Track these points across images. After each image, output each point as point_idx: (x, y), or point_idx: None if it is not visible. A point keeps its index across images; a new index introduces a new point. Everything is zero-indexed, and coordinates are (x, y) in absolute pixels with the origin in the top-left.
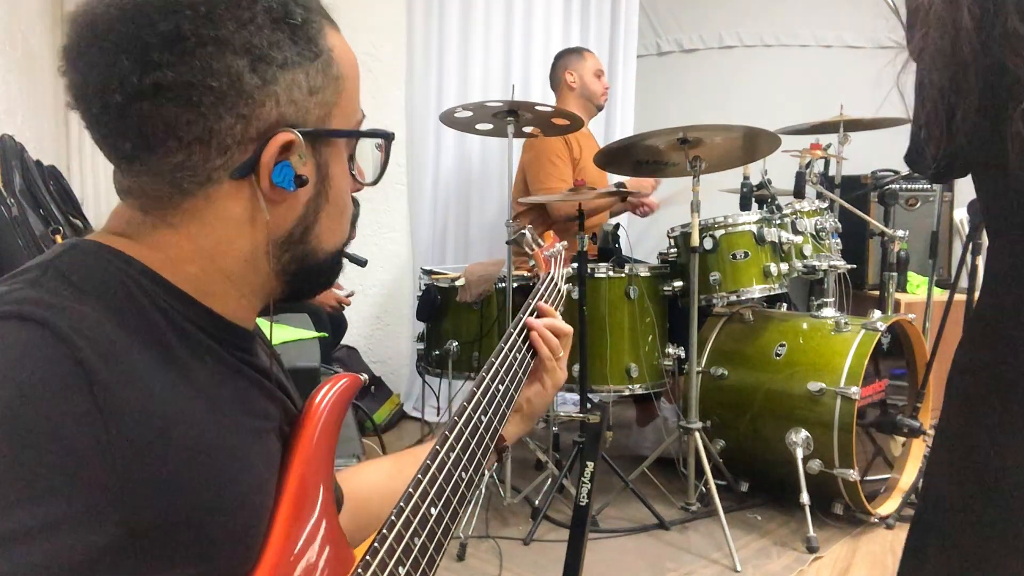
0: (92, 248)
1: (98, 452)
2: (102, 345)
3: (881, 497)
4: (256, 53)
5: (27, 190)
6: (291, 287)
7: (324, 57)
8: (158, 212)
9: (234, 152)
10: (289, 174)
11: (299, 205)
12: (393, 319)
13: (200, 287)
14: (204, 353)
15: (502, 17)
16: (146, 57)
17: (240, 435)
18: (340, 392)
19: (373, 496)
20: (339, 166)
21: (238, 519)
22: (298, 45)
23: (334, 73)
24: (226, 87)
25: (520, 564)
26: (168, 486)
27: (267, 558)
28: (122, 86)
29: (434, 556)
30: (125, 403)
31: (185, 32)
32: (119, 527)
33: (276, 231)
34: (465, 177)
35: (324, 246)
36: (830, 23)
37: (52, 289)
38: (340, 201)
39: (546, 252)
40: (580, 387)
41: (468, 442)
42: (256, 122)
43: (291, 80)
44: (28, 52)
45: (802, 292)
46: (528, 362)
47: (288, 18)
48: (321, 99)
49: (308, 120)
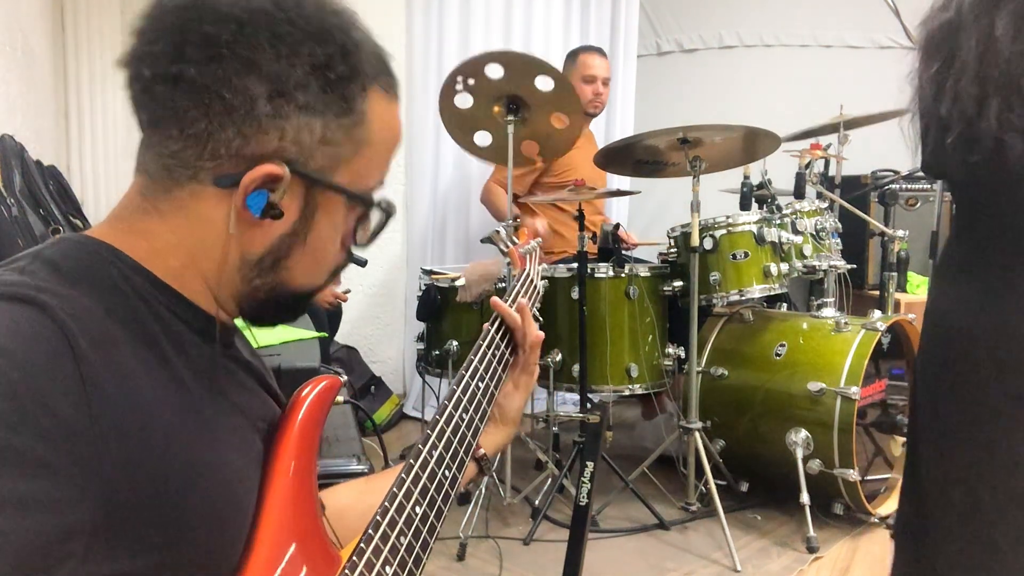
0: (79, 239)
1: (83, 425)
2: (90, 328)
3: (881, 497)
4: (279, 87)
5: (27, 190)
6: (253, 310)
7: (353, 117)
8: (152, 197)
9: (224, 162)
10: (262, 203)
11: (273, 235)
12: (393, 319)
13: (181, 282)
14: (185, 345)
15: (502, 17)
16: (181, 48)
17: (218, 426)
18: (321, 393)
19: (346, 512)
20: (329, 217)
21: (214, 506)
22: (328, 96)
23: (358, 135)
24: (238, 104)
25: (520, 564)
26: (145, 468)
27: (253, 557)
28: (153, 64)
29: (420, 555)
30: (108, 384)
31: (222, 42)
32: (96, 503)
33: (249, 251)
34: (465, 177)
35: (295, 281)
36: (830, 23)
37: (41, 276)
38: (319, 249)
39: (521, 249)
40: (580, 387)
41: (451, 440)
42: (254, 145)
43: (304, 123)
44: (28, 52)
45: (802, 292)
46: (507, 359)
47: (328, 69)
48: (332, 151)
49: (309, 165)
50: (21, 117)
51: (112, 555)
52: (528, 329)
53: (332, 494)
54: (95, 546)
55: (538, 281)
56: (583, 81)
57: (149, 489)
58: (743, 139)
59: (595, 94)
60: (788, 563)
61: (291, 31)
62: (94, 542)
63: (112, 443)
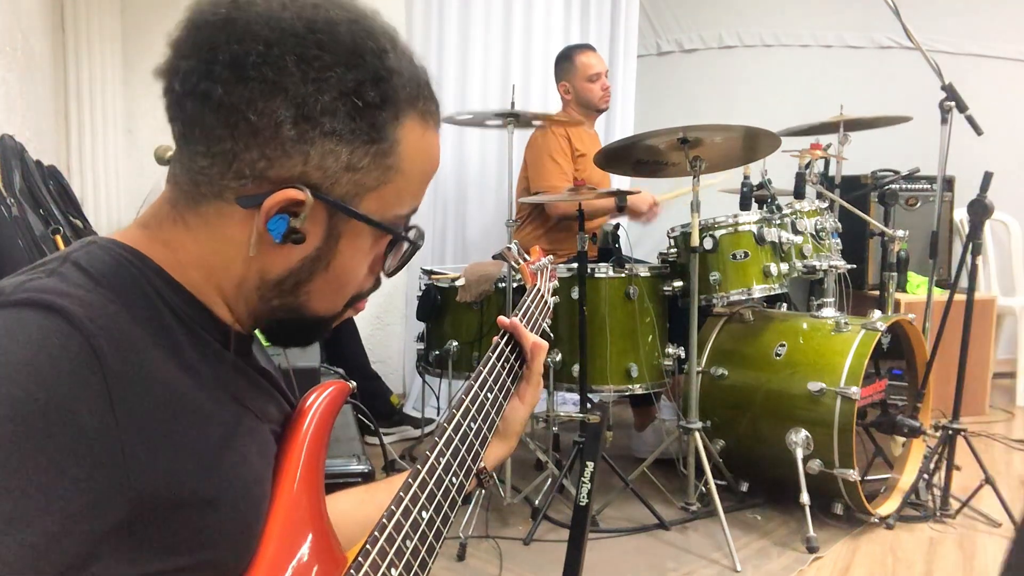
0: (108, 244)
1: (108, 437)
2: (116, 336)
3: (881, 497)
4: (305, 112)
5: (27, 190)
6: (271, 329)
7: (384, 145)
8: (181, 208)
9: (248, 183)
10: (282, 227)
11: (293, 259)
12: (393, 319)
13: (201, 293)
14: (208, 351)
15: (502, 17)
16: (211, 66)
17: (240, 431)
18: (330, 398)
19: (345, 521)
20: (353, 244)
21: (237, 510)
22: (356, 123)
23: (388, 163)
24: (263, 126)
25: (520, 564)
26: (171, 473)
27: (262, 556)
28: (184, 80)
29: (426, 559)
30: (134, 393)
31: (249, 63)
32: (120, 511)
33: (268, 272)
34: (464, 177)
35: (312, 306)
36: (830, 23)
37: (70, 279)
38: (342, 276)
39: (532, 266)
40: (580, 387)
41: (458, 448)
42: (278, 168)
43: (329, 149)
44: (28, 52)
45: (802, 292)
46: (517, 372)
47: (357, 96)
48: (358, 178)
49: (334, 191)
50: (21, 117)
51: (137, 558)
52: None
53: (331, 501)
54: (121, 548)
55: (549, 298)
56: (588, 81)
57: (176, 495)
58: (743, 139)
59: (604, 89)
60: (788, 563)
61: (320, 55)
62: (120, 546)
63: (139, 453)
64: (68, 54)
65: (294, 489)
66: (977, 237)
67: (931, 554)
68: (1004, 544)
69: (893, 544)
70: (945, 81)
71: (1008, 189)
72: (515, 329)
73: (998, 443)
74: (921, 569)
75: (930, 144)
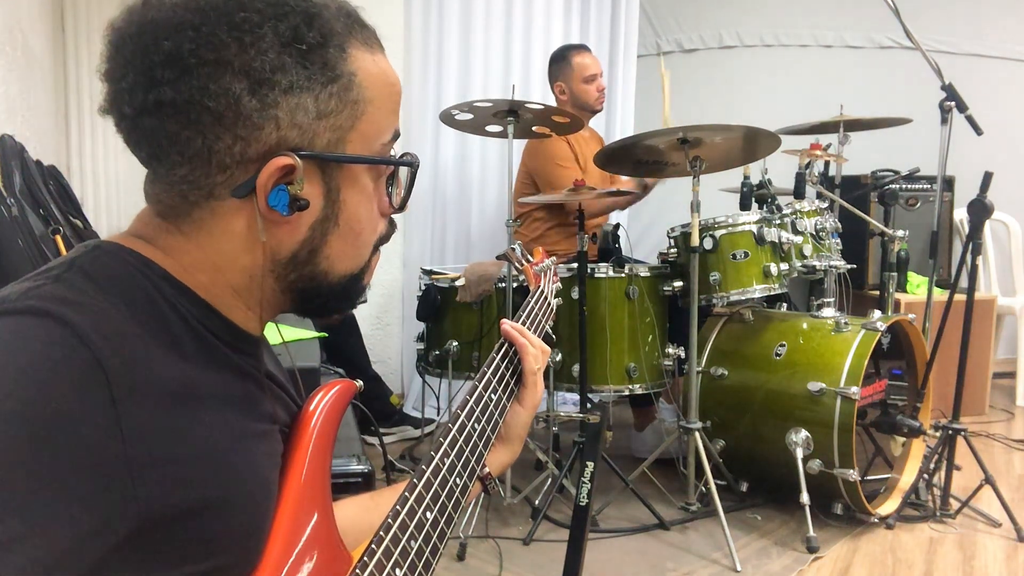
0: (114, 249)
1: (113, 450)
2: (121, 345)
3: (881, 497)
4: (256, 76)
5: (27, 190)
6: (300, 305)
7: (342, 81)
8: (171, 219)
9: (234, 171)
10: (284, 199)
11: (303, 227)
12: (393, 319)
13: (211, 294)
14: (217, 356)
15: (502, 17)
16: (151, 74)
17: (248, 436)
18: (335, 398)
19: (350, 528)
20: (354, 189)
21: (245, 517)
22: (308, 69)
23: (352, 97)
24: (223, 108)
25: (520, 564)
26: (179, 484)
27: (268, 558)
28: (131, 99)
29: (430, 560)
30: (140, 405)
31: (185, 52)
32: (128, 525)
33: (279, 251)
34: (465, 177)
35: (336, 268)
36: (830, 23)
37: (76, 286)
38: (354, 225)
39: (536, 267)
40: (580, 387)
41: (462, 449)
42: (256, 144)
43: (295, 104)
44: (28, 52)
45: (802, 292)
46: (520, 373)
47: (298, 42)
48: (333, 123)
49: (316, 144)
50: (21, 117)
51: (146, 570)
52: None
53: (337, 508)
54: (130, 560)
55: (552, 299)
56: (584, 82)
57: (184, 504)
58: (743, 139)
59: (599, 90)
60: (788, 563)
61: (247, 16)
62: (129, 558)
63: (146, 467)
64: (68, 54)
65: (300, 489)
66: (977, 237)
67: (931, 554)
68: (1004, 544)
69: (893, 544)
70: (945, 81)
71: (1008, 189)
72: (514, 340)
73: (998, 443)
74: (921, 569)
75: (930, 144)
